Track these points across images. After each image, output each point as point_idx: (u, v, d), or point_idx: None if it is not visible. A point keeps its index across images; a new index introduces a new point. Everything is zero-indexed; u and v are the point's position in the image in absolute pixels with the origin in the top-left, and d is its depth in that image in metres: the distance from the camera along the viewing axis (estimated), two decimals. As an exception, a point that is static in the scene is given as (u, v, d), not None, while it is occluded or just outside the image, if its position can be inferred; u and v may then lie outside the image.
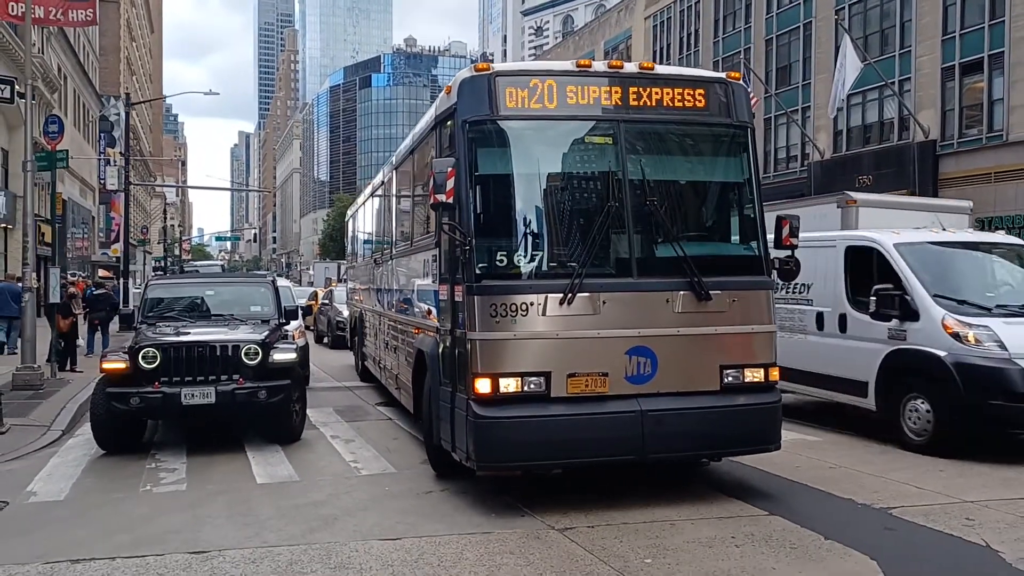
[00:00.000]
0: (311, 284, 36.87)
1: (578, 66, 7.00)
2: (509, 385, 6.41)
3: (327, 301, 25.14)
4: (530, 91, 6.74)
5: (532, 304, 6.44)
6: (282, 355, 9.53)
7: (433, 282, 7.81)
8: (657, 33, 47.15)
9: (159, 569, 5.47)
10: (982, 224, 26.74)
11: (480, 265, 6.51)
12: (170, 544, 6.00)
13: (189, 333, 9.77)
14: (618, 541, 5.95)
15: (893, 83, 29.92)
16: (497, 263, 6.57)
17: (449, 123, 7.13)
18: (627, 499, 6.96)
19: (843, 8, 33.20)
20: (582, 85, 6.88)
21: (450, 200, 6.43)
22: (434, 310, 7.77)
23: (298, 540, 6.07)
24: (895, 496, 7.18)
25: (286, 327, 11.45)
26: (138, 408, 8.87)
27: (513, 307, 6.42)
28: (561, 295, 6.45)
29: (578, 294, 6.48)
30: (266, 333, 9.88)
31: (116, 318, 21.15)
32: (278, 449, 9.32)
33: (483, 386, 6.41)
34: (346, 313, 19.71)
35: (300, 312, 15.69)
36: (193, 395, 8.90)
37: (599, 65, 7.10)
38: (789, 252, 7.63)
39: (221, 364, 9.13)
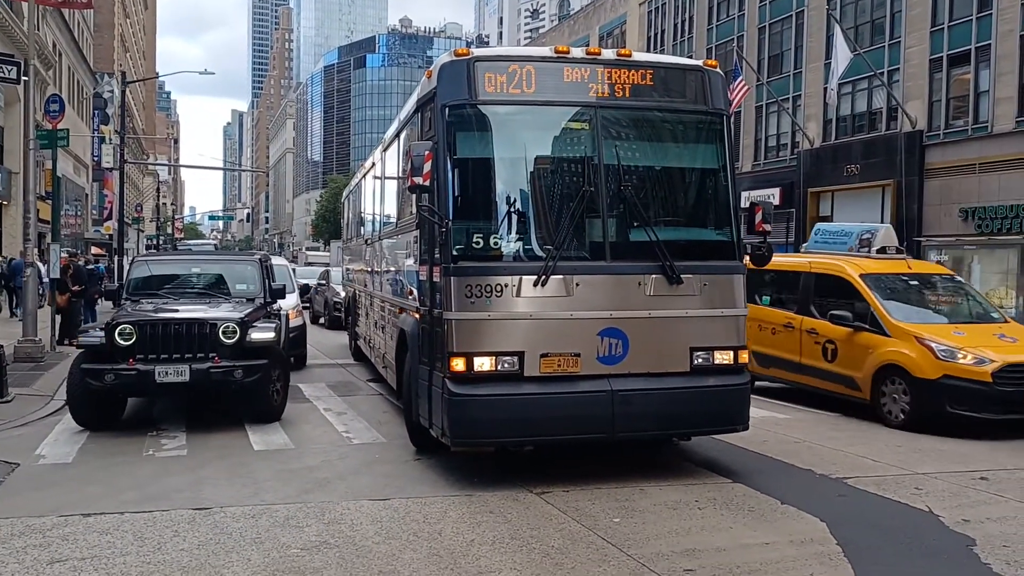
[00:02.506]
0: (308, 264, 36.51)
1: (556, 52, 7.13)
2: (483, 364, 6.60)
3: (323, 282, 25.06)
4: (509, 76, 6.89)
5: (507, 285, 6.64)
6: (260, 334, 9.46)
7: (415, 263, 8.02)
8: (652, 19, 47.33)
9: (165, 522, 5.92)
10: (966, 215, 27.34)
11: (457, 247, 6.68)
12: (175, 501, 6.45)
13: (169, 310, 9.75)
14: (590, 503, 6.43)
15: (882, 73, 30.30)
16: (473, 245, 6.75)
17: (430, 107, 7.25)
18: (602, 468, 7.44)
19: (835, -2, 33.53)
20: (560, 71, 7.04)
21: (427, 183, 6.62)
22: (415, 290, 8.01)
23: (294, 499, 6.53)
24: (852, 468, 7.69)
25: (275, 306, 11.52)
26: (112, 385, 8.82)
27: (488, 288, 6.61)
28: (535, 277, 6.64)
29: (552, 276, 6.67)
30: (247, 311, 9.84)
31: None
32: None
33: (458, 365, 6.60)
34: (343, 294, 19.96)
35: (297, 291, 15.97)
36: (167, 373, 8.86)
37: (577, 51, 7.22)
38: (762, 238, 7.97)
39: (198, 342, 9.08)
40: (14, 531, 5.71)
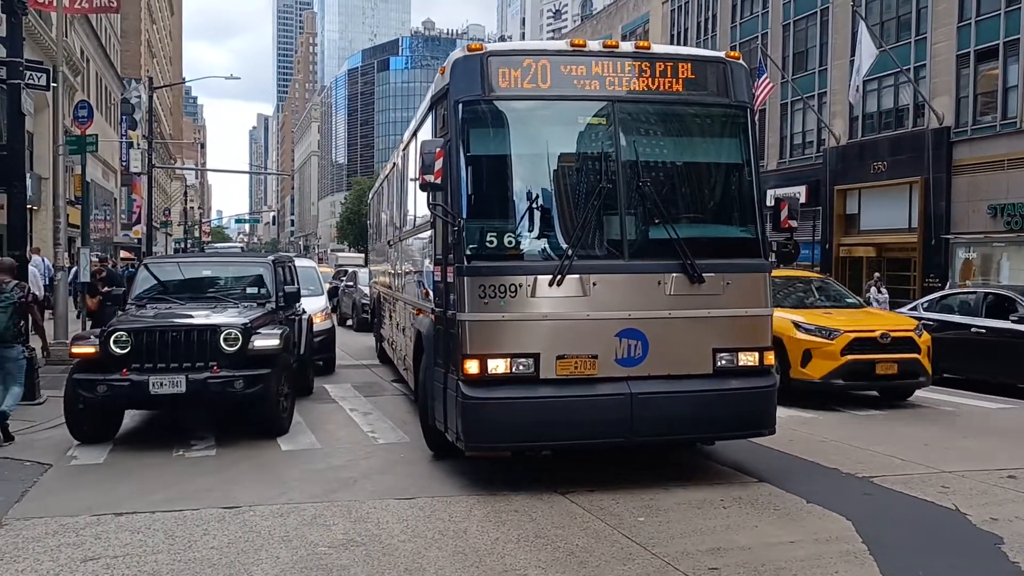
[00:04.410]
0: (339, 267, 36.46)
1: (572, 45, 6.93)
2: (498, 366, 6.43)
3: (351, 283, 24.86)
4: (523, 71, 6.69)
5: (522, 285, 6.45)
6: (264, 341, 8.79)
7: (430, 264, 7.87)
8: (675, 18, 47.17)
9: (195, 521, 6.02)
10: (995, 212, 26.98)
11: (470, 246, 6.50)
12: (204, 500, 6.54)
13: (169, 316, 9.18)
14: (614, 502, 6.45)
15: (908, 70, 29.98)
16: (487, 244, 6.56)
17: (443, 104, 7.07)
18: (626, 469, 7.44)
19: (860, -6, 33.23)
20: (576, 65, 6.80)
21: (438, 181, 6.43)
22: (430, 291, 7.89)
23: (321, 498, 6.60)
24: (878, 466, 7.64)
25: (299, 308, 11.19)
26: (105, 396, 8.26)
27: (503, 288, 6.43)
28: (551, 276, 6.45)
29: (568, 276, 6.47)
30: (253, 317, 9.22)
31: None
32: (299, 420, 9.77)
33: (472, 367, 6.44)
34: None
35: (326, 294, 15.98)
36: (162, 383, 8.21)
37: (594, 44, 7.03)
38: (788, 235, 7.81)
39: (196, 350, 8.46)
40: (48, 530, 5.82)
